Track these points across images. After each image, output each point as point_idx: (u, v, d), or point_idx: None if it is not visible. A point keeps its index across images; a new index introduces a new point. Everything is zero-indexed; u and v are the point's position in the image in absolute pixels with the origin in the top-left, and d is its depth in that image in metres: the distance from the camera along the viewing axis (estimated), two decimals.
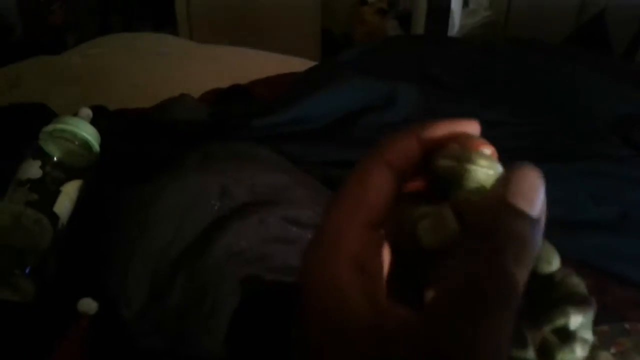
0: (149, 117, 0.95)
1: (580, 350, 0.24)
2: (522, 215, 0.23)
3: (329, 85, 0.99)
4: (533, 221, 0.23)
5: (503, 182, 0.24)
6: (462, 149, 0.26)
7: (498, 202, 0.23)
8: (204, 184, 0.73)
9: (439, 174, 0.26)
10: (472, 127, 0.28)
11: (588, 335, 0.25)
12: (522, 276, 0.22)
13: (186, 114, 0.94)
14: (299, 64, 1.31)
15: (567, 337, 0.24)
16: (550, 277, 0.25)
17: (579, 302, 0.25)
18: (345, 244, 0.24)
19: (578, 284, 0.26)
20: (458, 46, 1.34)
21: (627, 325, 0.67)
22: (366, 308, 0.22)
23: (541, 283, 0.25)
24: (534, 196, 0.23)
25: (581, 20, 2.27)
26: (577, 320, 0.25)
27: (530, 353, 0.24)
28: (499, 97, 1.02)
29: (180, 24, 2.63)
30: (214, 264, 0.67)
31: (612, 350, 0.64)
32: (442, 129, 0.27)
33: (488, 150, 0.27)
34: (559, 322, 0.24)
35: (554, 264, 0.26)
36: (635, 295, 0.73)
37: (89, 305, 0.63)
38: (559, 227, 0.75)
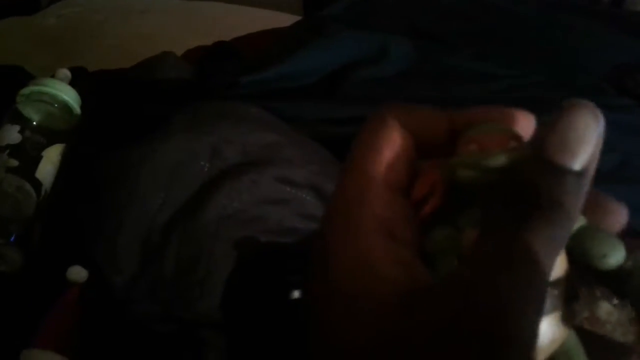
0: (130, 77, 0.91)
1: None
2: (558, 171, 0.19)
3: (318, 40, 0.96)
4: (573, 176, 0.19)
5: (540, 133, 0.20)
6: (481, 155, 0.21)
7: (528, 158, 0.20)
8: (192, 144, 0.71)
9: (461, 185, 0.22)
10: (523, 120, 0.23)
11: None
12: (550, 248, 0.19)
13: (170, 73, 0.90)
14: (285, 19, 1.27)
15: None
16: (616, 272, 0.21)
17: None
18: (370, 210, 0.21)
19: None
20: None
21: None
22: (400, 277, 0.20)
23: (610, 280, 0.22)
24: (577, 144, 0.19)
25: None
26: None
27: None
28: (493, 49, 0.99)
29: None
30: (206, 227, 0.65)
31: (615, 301, 0.63)
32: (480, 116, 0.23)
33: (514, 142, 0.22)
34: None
35: (612, 257, 0.21)
36: (637, 242, 0.72)
37: (78, 273, 0.61)
38: None
